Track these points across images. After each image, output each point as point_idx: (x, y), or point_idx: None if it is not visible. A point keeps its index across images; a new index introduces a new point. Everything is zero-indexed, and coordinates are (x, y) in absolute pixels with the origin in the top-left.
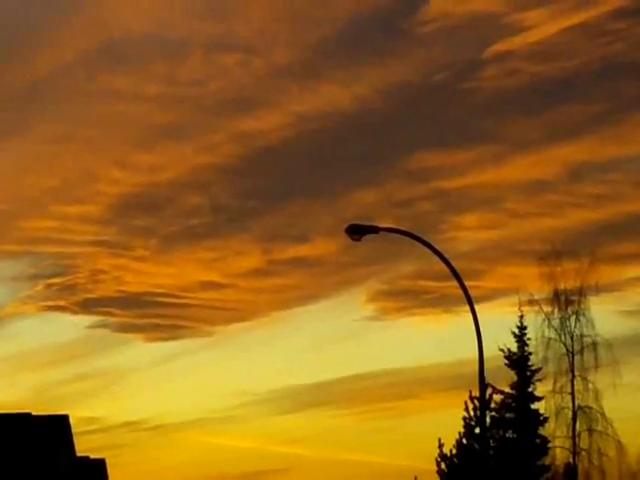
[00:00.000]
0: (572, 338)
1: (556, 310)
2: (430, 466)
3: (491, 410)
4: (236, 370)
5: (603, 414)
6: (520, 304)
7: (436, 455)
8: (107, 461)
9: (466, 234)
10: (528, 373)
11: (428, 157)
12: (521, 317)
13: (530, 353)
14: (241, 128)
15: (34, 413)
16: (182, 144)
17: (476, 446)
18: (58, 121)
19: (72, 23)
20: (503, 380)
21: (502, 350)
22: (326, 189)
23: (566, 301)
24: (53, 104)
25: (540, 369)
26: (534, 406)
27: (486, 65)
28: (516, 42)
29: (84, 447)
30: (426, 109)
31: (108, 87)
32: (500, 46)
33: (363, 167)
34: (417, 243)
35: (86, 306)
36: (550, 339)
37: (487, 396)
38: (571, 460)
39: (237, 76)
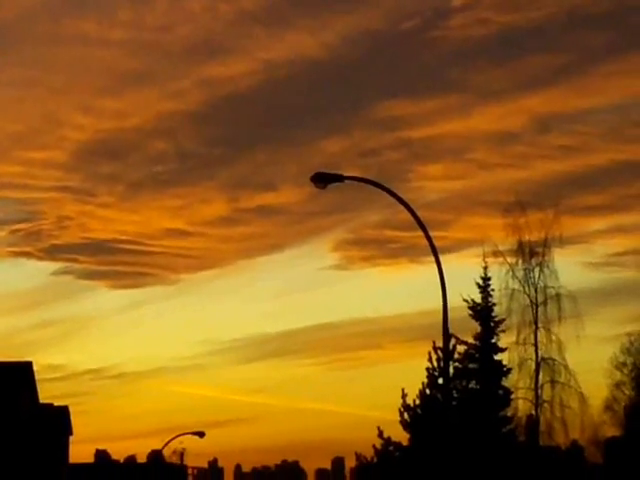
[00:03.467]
0: (536, 290)
1: (520, 261)
2: (393, 416)
3: (454, 361)
4: (201, 318)
5: (566, 366)
6: (484, 255)
7: (399, 405)
8: (70, 408)
9: (432, 184)
10: (492, 324)
11: (395, 106)
12: (485, 268)
13: (494, 304)
14: (208, 74)
15: None
16: (148, 90)
17: (439, 397)
18: (23, 66)
19: None
20: (467, 331)
21: (466, 301)
22: (293, 137)
23: (530, 252)
24: (17, 49)
25: (504, 320)
26: (497, 357)
27: (454, 14)
28: None
29: (48, 394)
30: (393, 57)
31: (74, 32)
32: None
33: (330, 115)
34: (383, 192)
35: (51, 252)
36: (514, 290)
37: (451, 347)
38: (533, 411)
39: (204, 22)
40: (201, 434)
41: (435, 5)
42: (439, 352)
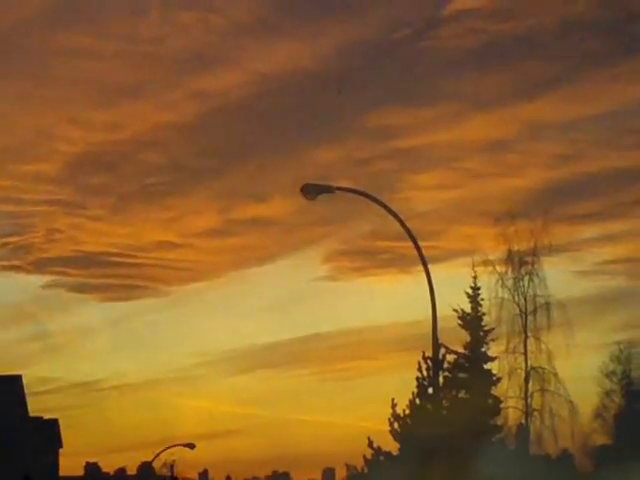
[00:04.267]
0: (525, 299)
1: (510, 270)
2: (383, 426)
3: (444, 370)
4: (192, 330)
5: (556, 374)
6: (474, 264)
7: (389, 415)
8: (60, 421)
9: (423, 194)
10: (481, 333)
11: (387, 115)
12: (475, 277)
13: (483, 313)
14: (200, 86)
15: None
16: (140, 102)
17: (429, 406)
18: (15, 78)
19: None
20: (457, 340)
21: (456, 310)
22: (285, 148)
23: (520, 261)
24: (11, 61)
25: (493, 329)
26: (487, 366)
27: (446, 23)
28: (476, 0)
29: (37, 407)
30: (386, 67)
31: (67, 45)
32: (460, 4)
33: (322, 125)
34: (373, 203)
35: (41, 266)
36: (503, 299)
37: (440, 356)
38: (523, 420)
39: (196, 34)
40: (191, 446)
41: (427, 15)
42: (429, 362)
